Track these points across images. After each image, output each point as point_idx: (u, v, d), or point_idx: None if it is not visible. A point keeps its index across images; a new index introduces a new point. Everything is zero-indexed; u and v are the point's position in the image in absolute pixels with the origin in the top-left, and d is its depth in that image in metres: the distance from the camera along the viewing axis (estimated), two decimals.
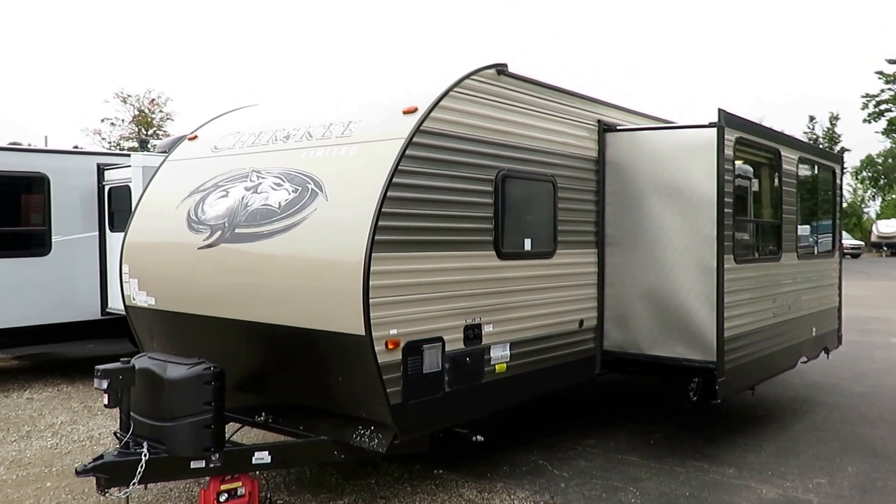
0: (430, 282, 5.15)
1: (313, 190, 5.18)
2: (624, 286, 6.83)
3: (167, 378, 4.93)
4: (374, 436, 5.12)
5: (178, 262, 5.88)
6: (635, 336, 6.78)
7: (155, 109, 41.61)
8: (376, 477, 6.21)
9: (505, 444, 7.01)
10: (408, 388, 4.97)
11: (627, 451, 6.94)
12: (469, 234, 5.47)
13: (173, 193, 6.18)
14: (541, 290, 6.21)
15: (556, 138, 6.38)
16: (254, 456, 5.15)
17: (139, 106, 41.39)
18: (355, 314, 4.70)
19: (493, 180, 5.66)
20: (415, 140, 5.00)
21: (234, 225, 5.50)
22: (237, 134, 6.27)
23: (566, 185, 6.49)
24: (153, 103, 41.62)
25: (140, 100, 41.39)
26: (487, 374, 5.66)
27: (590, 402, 8.88)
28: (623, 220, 6.84)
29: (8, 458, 6.74)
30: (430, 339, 5.14)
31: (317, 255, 5.01)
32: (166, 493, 5.84)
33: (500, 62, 5.77)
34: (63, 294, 9.91)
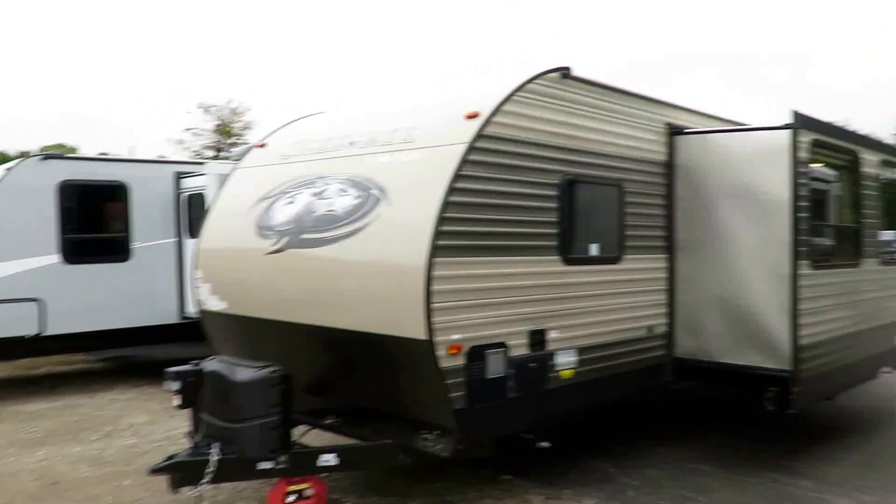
0: (493, 287, 5.14)
1: (377, 195, 5.24)
2: (695, 292, 6.67)
3: (235, 381, 5.05)
4: (438, 440, 5.14)
5: (248, 267, 6.03)
6: (707, 343, 6.61)
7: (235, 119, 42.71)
8: (443, 481, 6.22)
9: (573, 451, 6.93)
10: (471, 393, 4.97)
11: (699, 460, 6.77)
12: (533, 240, 5.44)
13: (243, 200, 6.34)
14: (607, 295, 6.12)
15: (623, 142, 6.29)
16: (320, 458, 5.23)
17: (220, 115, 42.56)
18: (417, 319, 4.72)
19: (557, 185, 5.61)
20: (476, 145, 5.00)
21: (301, 230, 5.61)
22: (304, 141, 6.39)
23: (633, 190, 6.38)
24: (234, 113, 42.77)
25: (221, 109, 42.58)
26: (552, 380, 5.61)
27: (661, 410, 8.70)
28: (694, 225, 6.68)
29: (91, 455, 7.02)
30: (493, 344, 5.13)
31: (379, 259, 5.06)
32: (238, 492, 5.98)
33: (564, 65, 5.72)
34: (143, 299, 10.28)
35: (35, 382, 10.63)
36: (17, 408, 9.01)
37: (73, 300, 9.69)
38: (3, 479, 6.39)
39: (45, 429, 7.99)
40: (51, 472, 6.53)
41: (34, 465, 6.74)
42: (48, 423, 8.20)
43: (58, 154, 9.94)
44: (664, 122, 6.76)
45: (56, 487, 6.16)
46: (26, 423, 8.21)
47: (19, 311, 9.34)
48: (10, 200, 9.34)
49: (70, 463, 6.81)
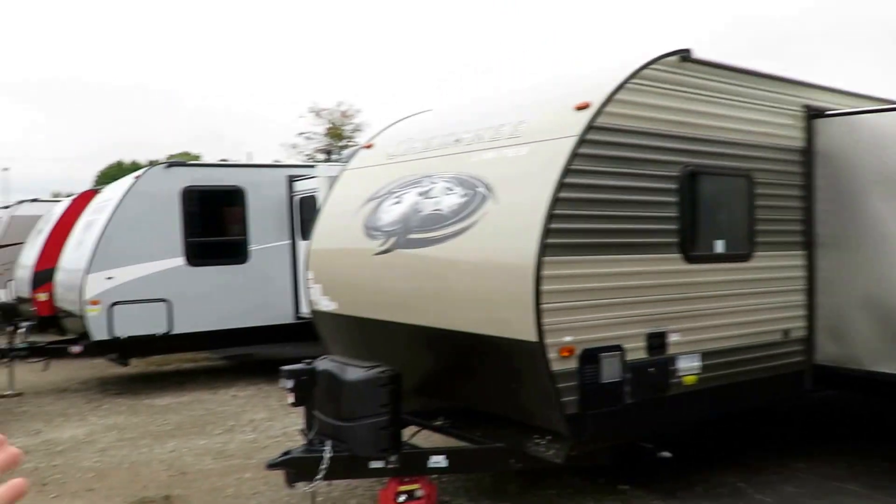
0: (607, 287, 4.84)
1: (483, 193, 5.06)
2: (840, 293, 6.07)
3: (346, 380, 5.01)
4: (550, 445, 4.90)
5: (357, 268, 5.99)
6: (854, 349, 5.99)
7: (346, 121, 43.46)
8: (558, 488, 5.97)
9: (700, 462, 6.49)
10: (584, 397, 4.70)
11: (845, 478, 6.14)
12: (651, 236, 5.10)
13: (351, 201, 6.31)
14: (736, 296, 5.67)
15: (752, 128, 5.81)
16: (430, 459, 5.12)
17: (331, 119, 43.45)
18: (527, 320, 4.51)
19: (677, 177, 5.24)
20: (587, 137, 4.72)
21: (408, 230, 5.50)
22: (409, 140, 6.29)
23: (765, 180, 5.89)
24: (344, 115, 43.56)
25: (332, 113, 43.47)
26: (674, 385, 5.24)
27: (801, 422, 8.06)
28: (838, 218, 6.06)
29: (215, 448, 7.24)
30: (608, 347, 4.84)
31: (487, 259, 4.87)
32: (351, 490, 5.96)
33: (684, 48, 5.33)
34: (259, 299, 10.56)
35: (165, 378, 11.16)
36: (151, 401, 9.47)
37: (196, 300, 10.09)
38: (139, 467, 6.72)
39: (174, 422, 8.34)
40: (179, 463, 6.80)
41: (165, 456, 7.03)
42: (177, 417, 8.56)
43: (181, 161, 10.43)
44: (801, 104, 6.19)
45: (184, 477, 6.40)
46: (158, 416, 8.60)
47: (151, 310, 9.79)
48: (140, 206, 9.83)
49: (196, 455, 7.05)
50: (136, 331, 9.68)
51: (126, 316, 9.58)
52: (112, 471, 6.64)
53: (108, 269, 9.53)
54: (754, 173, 5.79)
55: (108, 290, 9.51)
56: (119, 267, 9.58)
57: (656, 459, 5.33)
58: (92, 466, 6.76)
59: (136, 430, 8.01)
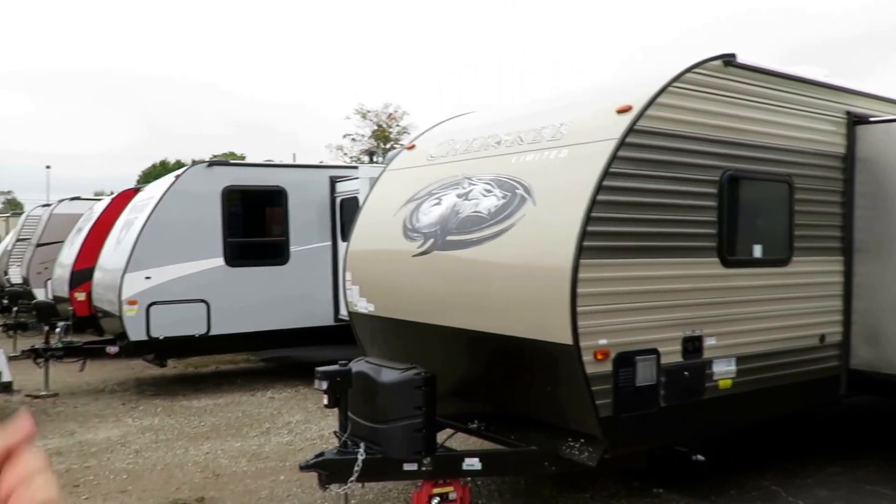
0: (644, 290, 4.85)
1: (522, 195, 5.08)
2: (877, 298, 6.03)
3: (380, 382, 5.06)
4: (584, 448, 4.90)
5: (395, 269, 6.04)
6: (890, 355, 5.95)
7: (392, 123, 43.54)
8: (591, 491, 5.97)
9: (735, 466, 6.47)
10: (619, 400, 4.70)
11: (879, 482, 6.10)
12: (689, 240, 5.09)
13: (391, 202, 6.37)
14: (773, 300, 5.64)
15: (794, 133, 5.78)
16: (464, 462, 5.13)
17: (377, 121, 43.56)
18: (563, 323, 4.52)
19: (717, 181, 5.23)
20: (628, 140, 4.73)
21: (446, 232, 5.54)
22: (451, 142, 6.34)
23: (805, 186, 5.85)
24: (390, 118, 43.62)
25: (378, 115, 43.56)
26: (709, 389, 5.22)
27: (837, 426, 7.97)
28: (877, 224, 6.04)
29: (250, 451, 7.31)
30: (643, 350, 4.83)
31: (524, 261, 4.90)
32: (386, 492, 6.01)
33: (729, 52, 5.32)
34: (299, 301, 10.59)
35: (203, 380, 11.28)
36: (187, 403, 9.58)
37: (235, 302, 10.16)
38: (173, 469, 6.77)
39: (210, 424, 8.42)
40: (214, 465, 6.86)
41: (200, 458, 7.10)
42: (213, 419, 8.65)
43: (222, 161, 10.49)
44: (844, 110, 6.16)
45: (218, 479, 6.45)
46: (194, 418, 8.69)
47: (191, 311, 9.92)
48: (180, 205, 9.94)
49: (231, 457, 7.11)
50: (174, 332, 9.80)
51: (164, 316, 9.70)
52: (146, 472, 6.70)
53: (146, 268, 9.65)
54: (795, 178, 5.76)
55: (146, 290, 9.64)
56: (157, 267, 9.70)
57: (691, 463, 5.30)
58: (125, 468, 6.82)
59: (172, 432, 8.09)
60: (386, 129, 43.19)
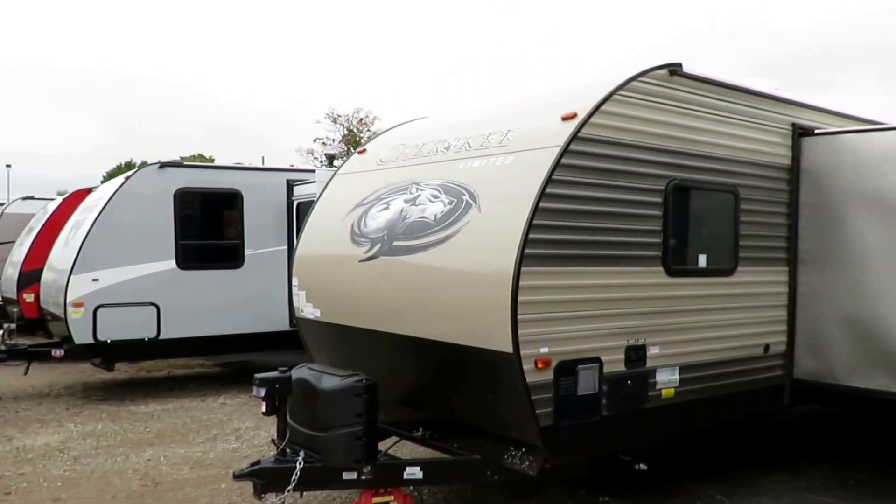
0: (587, 298, 4.82)
1: (468, 201, 5.04)
2: (819, 309, 6.08)
3: (321, 389, 4.96)
4: (525, 458, 4.86)
5: (342, 274, 5.96)
6: (831, 364, 6.00)
7: (363, 128, 43.34)
8: (538, 500, 5.94)
9: (681, 475, 6.47)
10: (560, 409, 4.67)
11: (821, 491, 6.17)
12: (634, 249, 5.08)
13: (340, 206, 6.28)
14: (718, 310, 5.66)
15: (740, 144, 5.81)
16: (405, 471, 5.06)
17: (348, 125, 43.36)
18: (503, 331, 4.48)
19: (662, 190, 5.23)
20: (572, 148, 4.71)
21: (393, 237, 5.48)
22: (402, 146, 6.28)
23: (751, 196, 5.89)
24: (361, 122, 43.47)
25: (349, 119, 43.37)
26: (652, 398, 5.21)
27: (781, 435, 8.03)
28: (820, 235, 6.09)
29: (194, 458, 7.17)
30: (585, 359, 4.81)
31: (467, 268, 4.85)
32: (329, 501, 5.91)
33: (674, 62, 5.33)
34: (254, 305, 10.43)
35: (154, 384, 11.06)
36: (134, 408, 9.37)
37: (186, 305, 9.98)
38: (111, 476, 6.60)
39: (155, 430, 8.24)
40: (154, 472, 6.70)
41: (140, 465, 6.93)
42: (159, 425, 8.47)
43: (175, 162, 10.27)
44: (789, 122, 6.20)
45: (157, 488, 6.30)
46: (139, 424, 8.50)
47: (140, 314, 9.72)
48: (130, 206, 9.73)
49: (173, 464, 6.96)
50: (122, 335, 9.59)
51: (111, 319, 9.49)
52: (82, 480, 6.51)
53: (93, 270, 9.44)
54: (740, 189, 5.79)
55: (93, 292, 9.42)
56: (106, 269, 9.49)
57: (633, 472, 5.28)
58: (61, 475, 6.63)
59: (115, 438, 7.89)
60: (357, 134, 43.02)
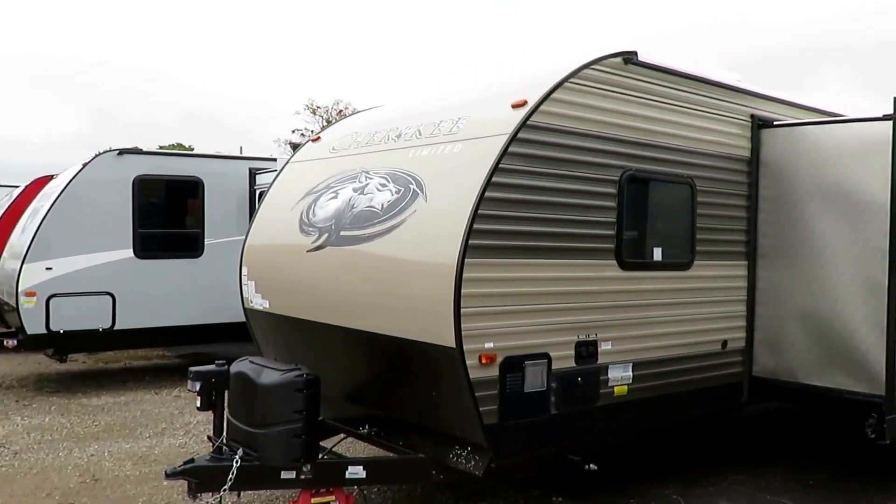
0: (535, 292, 4.66)
1: (415, 190, 4.86)
2: (778, 304, 5.96)
3: (259, 383, 4.78)
4: (470, 457, 4.71)
5: (290, 265, 5.77)
6: (789, 362, 5.89)
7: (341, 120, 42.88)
8: (490, 499, 5.79)
9: (640, 474, 6.35)
10: (505, 407, 4.51)
11: (780, 491, 6.06)
12: (585, 241, 4.92)
13: (291, 195, 6.09)
14: (674, 305, 5.52)
15: (698, 135, 5.67)
16: (347, 470, 4.89)
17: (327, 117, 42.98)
18: (446, 325, 4.31)
19: (616, 181, 5.07)
20: (520, 136, 4.54)
21: (340, 227, 5.30)
22: (354, 134, 6.09)
23: (709, 188, 5.75)
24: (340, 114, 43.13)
25: (329, 111, 43.02)
26: (604, 396, 5.07)
27: (743, 432, 7.94)
28: (779, 229, 5.97)
29: (139, 453, 6.95)
30: (533, 354, 4.65)
31: (411, 259, 4.68)
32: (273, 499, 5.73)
33: (629, 50, 5.18)
34: (214, 295, 10.14)
35: (110, 376, 10.79)
36: (86, 400, 9.13)
37: (144, 295, 9.73)
38: (49, 472, 6.37)
39: (103, 423, 8.01)
40: (96, 468, 6.49)
41: (83, 460, 6.71)
42: (108, 418, 8.23)
43: (134, 149, 10.00)
44: (749, 113, 6.07)
45: (95, 485, 6.08)
46: (88, 417, 8.27)
47: (95, 304, 9.46)
48: (86, 194, 9.45)
49: (117, 459, 6.74)
50: (76, 325, 9.32)
51: (65, 309, 9.22)
52: (18, 476, 6.27)
53: (47, 259, 9.16)
54: (697, 181, 5.65)
55: (46, 281, 9.15)
56: (60, 257, 9.22)
57: (584, 472, 5.14)
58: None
59: (60, 432, 7.66)
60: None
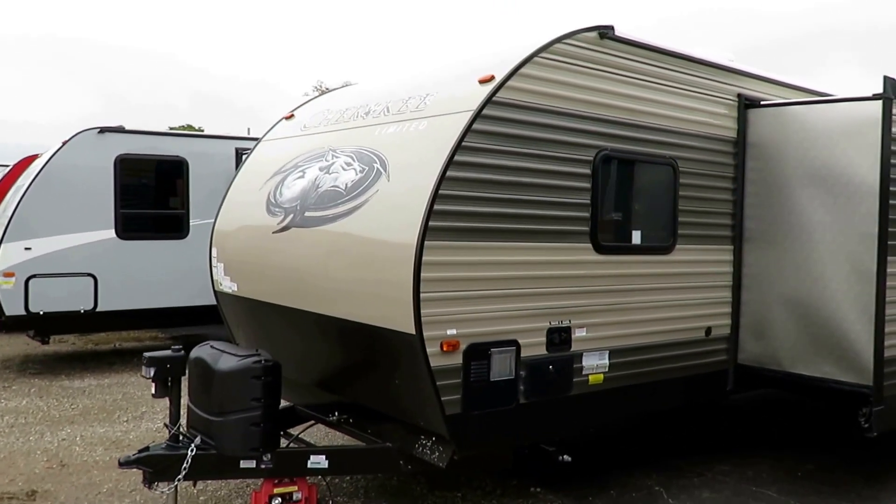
0: (503, 276, 4.45)
1: (378, 169, 4.66)
2: (764, 290, 5.75)
3: (216, 370, 4.62)
4: (434, 448, 4.53)
5: (257, 246, 5.58)
6: (775, 349, 5.68)
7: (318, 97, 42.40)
8: (465, 490, 5.62)
9: (622, 463, 6.18)
10: (469, 397, 4.32)
11: (766, 483, 5.87)
12: (557, 224, 4.70)
13: (260, 175, 5.90)
14: (654, 290, 5.31)
15: (680, 114, 5.43)
16: (309, 460, 4.73)
17: None
18: (405, 310, 4.12)
19: (591, 161, 4.85)
20: (486, 112, 4.32)
21: (305, 207, 5.10)
22: (326, 111, 5.88)
23: (692, 170, 5.52)
24: None
25: None
26: (578, 385, 4.87)
27: (731, 420, 7.75)
28: (766, 212, 5.74)
29: (113, 437, 6.81)
30: (500, 341, 4.45)
31: (371, 242, 4.49)
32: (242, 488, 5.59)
33: (605, 24, 4.93)
34: (199, 277, 9.93)
35: (98, 358, 10.65)
36: (68, 383, 9.00)
37: (126, 276, 9.56)
38: (17, 457, 6.24)
39: (81, 406, 7.88)
40: (65, 453, 6.35)
41: (53, 445, 6.58)
42: (87, 401, 8.10)
43: (116, 127, 9.78)
44: (735, 92, 5.82)
45: (62, 470, 5.94)
46: (67, 400, 8.14)
47: (76, 285, 9.31)
48: (66, 173, 9.26)
49: (88, 444, 6.61)
50: (56, 307, 9.17)
51: (45, 290, 9.07)
52: None
53: (26, 238, 8.98)
54: (680, 162, 5.42)
55: (26, 261, 8.98)
56: (39, 237, 9.06)
57: (557, 463, 4.96)
58: None
59: (36, 415, 7.52)
60: None
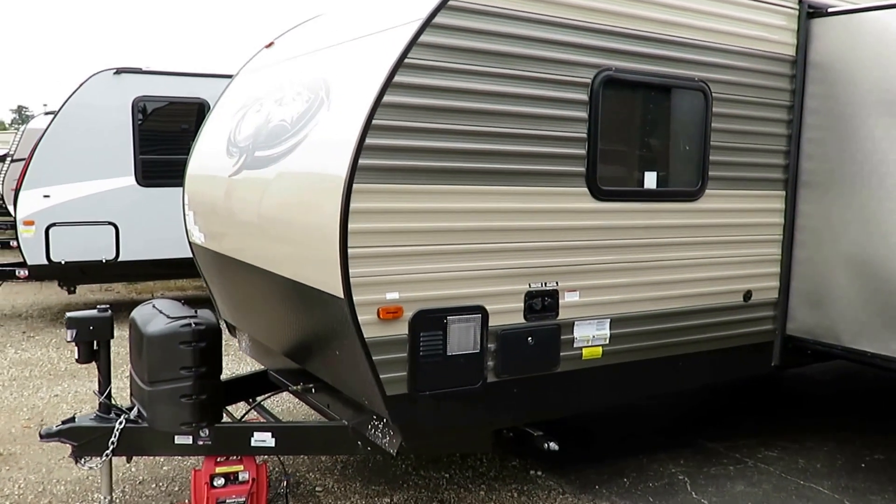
0: (463, 228, 3.60)
1: (322, 98, 3.86)
2: (824, 248, 4.66)
3: (145, 333, 4.02)
4: (385, 431, 3.80)
5: (215, 193, 4.91)
6: (834, 320, 4.62)
7: None
8: (455, 470, 4.91)
9: (646, 443, 5.32)
10: (418, 374, 3.54)
11: (818, 475, 4.90)
12: (541, 162, 3.79)
13: (228, 112, 5.20)
14: (673, 246, 4.34)
15: (717, 25, 4.35)
16: (253, 437, 4.10)
17: None
18: (332, 269, 3.35)
19: (587, 84, 3.90)
20: (438, 21, 3.43)
21: (256, 147, 4.38)
22: (300, 38, 5.10)
23: (730, 96, 4.45)
24: None
25: None
26: (567, 360, 4.01)
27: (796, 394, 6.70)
28: (830, 150, 4.61)
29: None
30: (461, 308, 3.63)
31: (303, 186, 3.73)
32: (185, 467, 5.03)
33: None
34: None
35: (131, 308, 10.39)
36: None
37: (148, 225, 9.15)
38: (1, 414, 5.92)
39: None
40: (50, 411, 6.00)
41: (41, 401, 6.25)
42: None
43: (133, 68, 9.29)
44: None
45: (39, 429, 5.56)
46: None
47: (97, 234, 8.97)
48: (82, 117, 8.83)
49: (79, 401, 6.27)
50: (77, 256, 8.85)
51: (65, 239, 8.78)
52: None
53: (44, 186, 8.69)
54: (714, 86, 4.36)
55: (45, 209, 8.68)
56: (57, 184, 8.74)
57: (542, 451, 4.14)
58: None
59: (42, 368, 7.22)
60: None
